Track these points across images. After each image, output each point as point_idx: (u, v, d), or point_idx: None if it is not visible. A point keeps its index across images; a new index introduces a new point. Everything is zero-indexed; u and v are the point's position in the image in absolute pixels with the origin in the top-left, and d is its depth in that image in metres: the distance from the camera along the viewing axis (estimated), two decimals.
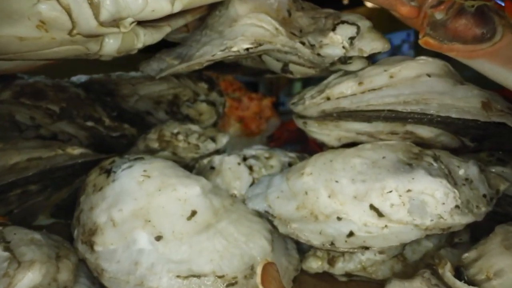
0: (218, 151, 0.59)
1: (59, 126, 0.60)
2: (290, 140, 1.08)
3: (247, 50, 0.41)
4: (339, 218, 0.40)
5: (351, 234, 0.39)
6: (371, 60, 0.48)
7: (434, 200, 0.38)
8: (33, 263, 0.33)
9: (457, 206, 0.38)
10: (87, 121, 0.60)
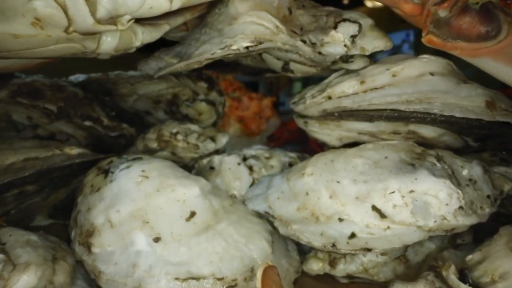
0: (217, 151, 0.58)
1: (57, 126, 0.59)
2: (290, 140, 1.08)
3: (247, 48, 0.41)
4: (340, 219, 0.39)
5: (353, 235, 0.39)
6: (372, 59, 0.47)
7: (437, 201, 0.38)
8: (28, 265, 0.33)
9: (461, 207, 0.38)
10: (85, 120, 0.59)
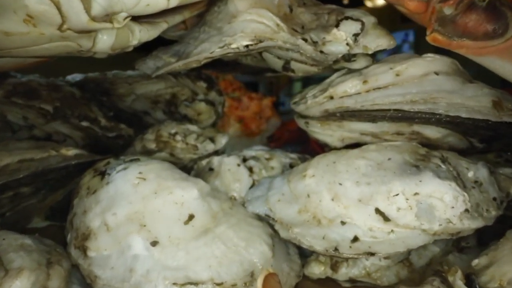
0: (217, 152, 0.58)
1: (53, 126, 0.59)
2: (291, 141, 1.08)
3: (247, 47, 0.40)
4: (343, 223, 0.39)
5: (356, 239, 0.38)
6: (375, 58, 0.46)
7: (442, 203, 0.37)
8: (21, 270, 0.32)
9: (466, 210, 0.37)
10: (82, 121, 0.58)
